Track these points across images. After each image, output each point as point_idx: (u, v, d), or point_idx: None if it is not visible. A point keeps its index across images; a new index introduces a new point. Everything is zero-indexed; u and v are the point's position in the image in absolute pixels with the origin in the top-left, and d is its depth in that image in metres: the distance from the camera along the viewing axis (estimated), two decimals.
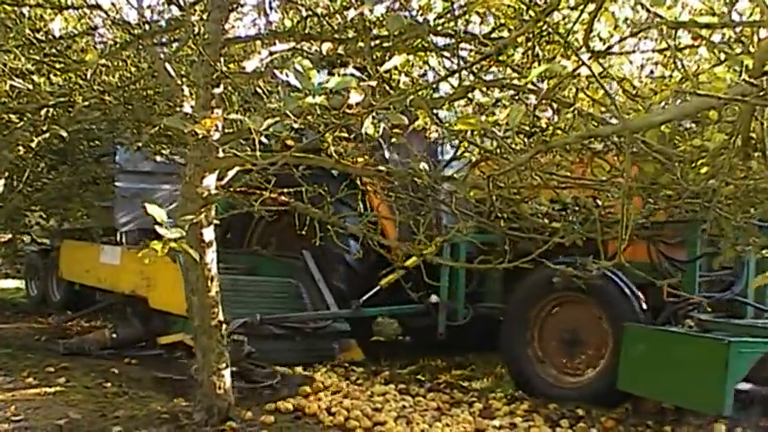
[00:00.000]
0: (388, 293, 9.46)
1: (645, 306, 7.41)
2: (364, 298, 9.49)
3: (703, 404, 6.54)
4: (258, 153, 4.54)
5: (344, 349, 9.65)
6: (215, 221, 6.08)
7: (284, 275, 10.33)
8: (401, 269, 8.32)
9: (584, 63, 3.59)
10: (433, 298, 9.55)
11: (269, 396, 7.39)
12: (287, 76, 3.74)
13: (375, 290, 9.40)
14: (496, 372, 9.18)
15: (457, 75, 5.22)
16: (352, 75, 3.80)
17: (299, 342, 9.19)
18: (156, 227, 3.91)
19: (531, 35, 5.31)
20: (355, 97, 3.79)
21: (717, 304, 7.82)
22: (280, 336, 8.96)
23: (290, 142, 6.08)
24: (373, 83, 3.79)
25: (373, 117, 4.10)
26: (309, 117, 4.60)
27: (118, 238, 12.11)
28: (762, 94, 3.39)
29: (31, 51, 7.39)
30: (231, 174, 4.90)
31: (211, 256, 6.15)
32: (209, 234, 6.12)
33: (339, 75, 3.82)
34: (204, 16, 6.53)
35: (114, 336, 9.86)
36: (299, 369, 8.52)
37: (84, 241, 12.57)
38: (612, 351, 7.44)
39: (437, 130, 5.94)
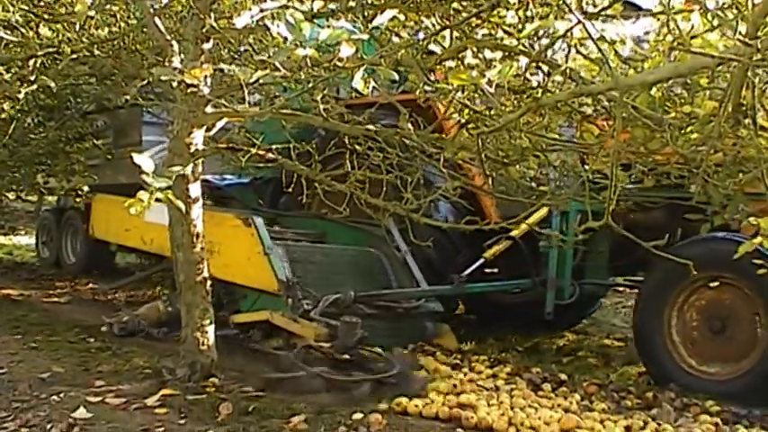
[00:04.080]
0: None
1: None
2: (467, 272, 8.26)
3: None
4: (246, 106, 4.53)
5: (437, 334, 8.37)
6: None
7: (358, 244, 8.88)
8: (508, 239, 7.98)
9: (579, 21, 3.57)
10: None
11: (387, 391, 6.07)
12: (278, 27, 3.71)
13: (479, 263, 8.35)
14: (479, 335, 9.17)
15: (448, 35, 5.21)
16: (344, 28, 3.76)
17: (391, 323, 7.96)
18: (143, 176, 3.88)
19: None
20: (346, 50, 3.77)
21: None
22: (370, 316, 7.56)
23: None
24: (365, 36, 3.76)
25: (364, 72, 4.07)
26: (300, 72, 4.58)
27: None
28: (758, 57, 3.38)
29: (20, 2, 7.34)
30: (220, 125, 4.87)
31: (197, 211, 6.14)
32: (195, 189, 6.10)
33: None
34: None
35: (170, 309, 8.30)
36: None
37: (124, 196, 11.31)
38: None
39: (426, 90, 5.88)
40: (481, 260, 8.32)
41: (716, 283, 6.88)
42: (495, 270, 9.07)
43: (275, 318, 7.31)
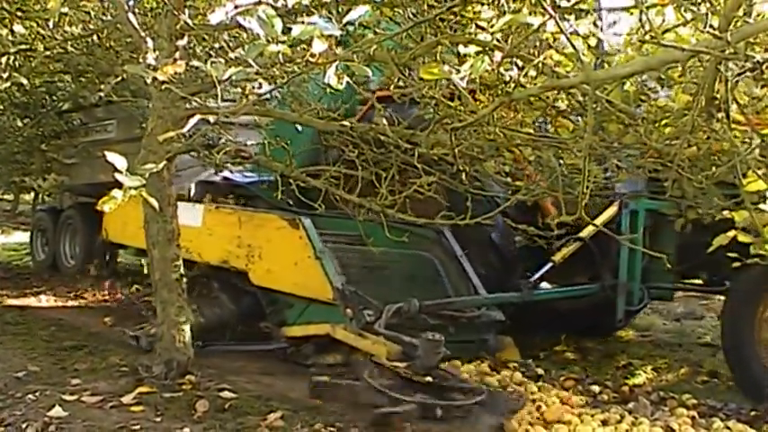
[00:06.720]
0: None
1: None
2: (536, 276, 7.81)
3: None
4: (220, 103, 4.52)
5: (500, 347, 7.66)
6: None
7: (404, 248, 7.60)
8: (576, 240, 7.61)
9: (552, 16, 3.57)
10: None
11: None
12: (249, 23, 3.68)
13: (548, 266, 7.87)
14: None
15: (422, 31, 5.21)
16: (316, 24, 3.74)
17: (453, 334, 6.93)
18: (116, 174, 3.85)
19: None
20: (318, 46, 3.74)
21: None
22: (433, 327, 6.64)
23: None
24: (337, 32, 3.74)
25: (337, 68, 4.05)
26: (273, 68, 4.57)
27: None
28: (730, 50, 3.39)
29: None
30: (193, 122, 4.83)
31: (172, 210, 6.13)
32: (171, 188, 6.10)
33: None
34: None
35: (201, 320, 7.44)
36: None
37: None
38: None
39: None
40: (549, 264, 7.90)
41: None
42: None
43: (337, 332, 6.61)
